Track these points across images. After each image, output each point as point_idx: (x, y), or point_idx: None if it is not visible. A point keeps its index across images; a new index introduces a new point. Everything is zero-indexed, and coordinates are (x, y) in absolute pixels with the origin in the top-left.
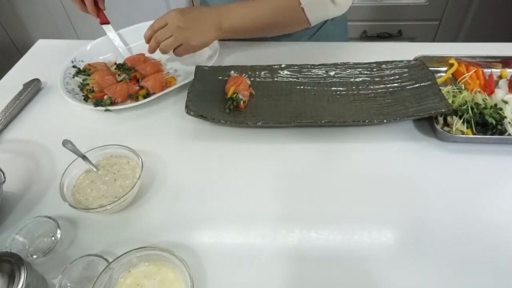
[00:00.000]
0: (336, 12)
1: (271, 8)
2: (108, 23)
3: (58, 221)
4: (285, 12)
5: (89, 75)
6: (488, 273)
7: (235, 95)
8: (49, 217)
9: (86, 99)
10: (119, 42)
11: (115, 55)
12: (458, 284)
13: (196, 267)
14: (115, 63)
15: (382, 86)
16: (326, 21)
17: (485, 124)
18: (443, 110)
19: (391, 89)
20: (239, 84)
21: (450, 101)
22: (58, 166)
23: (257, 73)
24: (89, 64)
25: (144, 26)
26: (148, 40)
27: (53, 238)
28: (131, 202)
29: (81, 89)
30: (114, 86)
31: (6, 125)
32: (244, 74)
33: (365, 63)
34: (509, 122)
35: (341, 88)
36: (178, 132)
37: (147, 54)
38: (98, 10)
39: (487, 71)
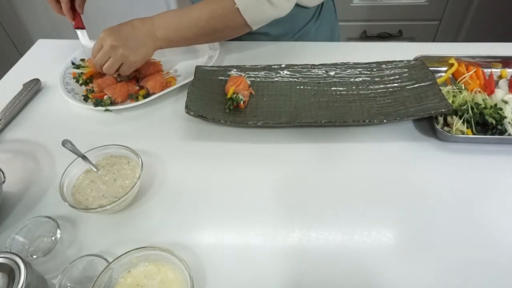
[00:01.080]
0: (274, 14)
1: (206, 12)
2: (83, 28)
3: (58, 221)
4: (221, 15)
5: (83, 67)
6: (487, 273)
7: (235, 95)
8: (49, 217)
9: (86, 99)
10: (90, 51)
11: None
12: (458, 283)
13: (196, 267)
14: None
15: (382, 86)
16: (308, 23)
17: (485, 124)
18: (443, 110)
19: (391, 89)
20: (239, 84)
21: (450, 101)
22: (58, 166)
23: (257, 73)
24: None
25: None
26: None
27: (53, 238)
28: (131, 202)
29: (77, 81)
30: (114, 86)
31: (6, 125)
32: (244, 74)
33: (365, 63)
34: (509, 122)
35: (341, 88)
36: (178, 132)
37: None
38: (75, 13)
39: (487, 71)
